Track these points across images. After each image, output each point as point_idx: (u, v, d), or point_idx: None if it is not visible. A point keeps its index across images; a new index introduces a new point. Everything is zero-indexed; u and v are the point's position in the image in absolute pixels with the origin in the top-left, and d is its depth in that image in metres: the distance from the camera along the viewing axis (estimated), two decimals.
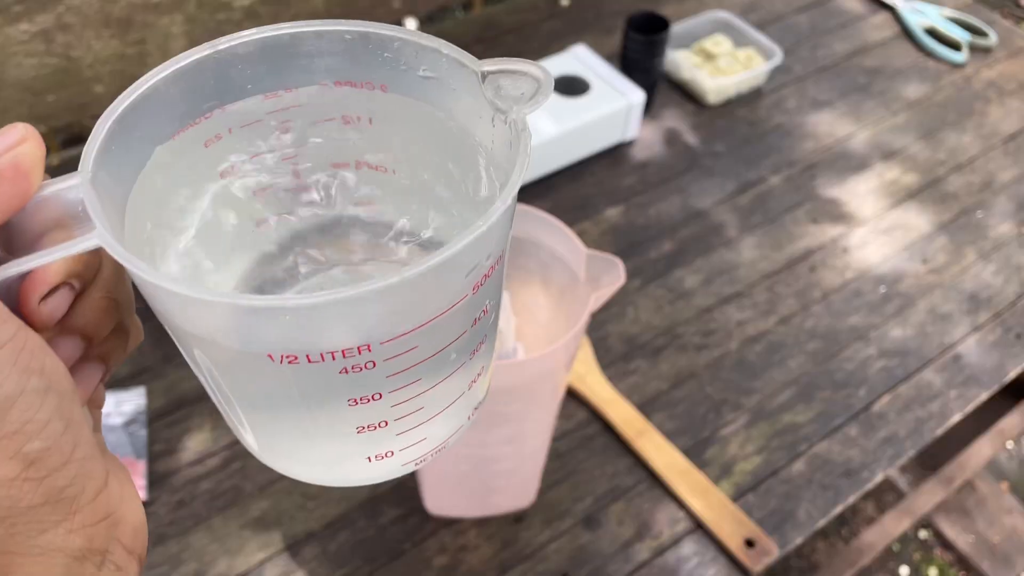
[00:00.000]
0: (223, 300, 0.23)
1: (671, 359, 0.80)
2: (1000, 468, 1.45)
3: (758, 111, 1.06)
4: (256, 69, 0.29)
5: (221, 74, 0.28)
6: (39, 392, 0.22)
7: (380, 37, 0.28)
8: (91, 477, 0.24)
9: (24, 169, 0.23)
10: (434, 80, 0.29)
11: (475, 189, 0.30)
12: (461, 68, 0.28)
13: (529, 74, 0.27)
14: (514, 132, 0.26)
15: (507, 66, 0.27)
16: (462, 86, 0.28)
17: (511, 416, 0.56)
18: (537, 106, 0.26)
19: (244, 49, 0.28)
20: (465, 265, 0.25)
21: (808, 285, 0.87)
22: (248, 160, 0.31)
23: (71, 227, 0.24)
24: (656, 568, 0.67)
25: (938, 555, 1.35)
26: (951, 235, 0.94)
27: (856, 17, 1.21)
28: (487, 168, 0.29)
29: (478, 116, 0.28)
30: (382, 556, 0.66)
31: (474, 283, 0.26)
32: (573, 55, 0.99)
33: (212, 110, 0.29)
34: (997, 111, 1.09)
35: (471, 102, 0.28)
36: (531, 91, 0.27)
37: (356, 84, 0.30)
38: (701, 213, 0.94)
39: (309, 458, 0.31)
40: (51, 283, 0.24)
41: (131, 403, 0.74)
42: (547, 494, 0.70)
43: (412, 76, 0.29)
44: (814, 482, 0.72)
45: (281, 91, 0.30)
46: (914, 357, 0.82)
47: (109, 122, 0.26)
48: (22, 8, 0.90)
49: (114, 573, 0.24)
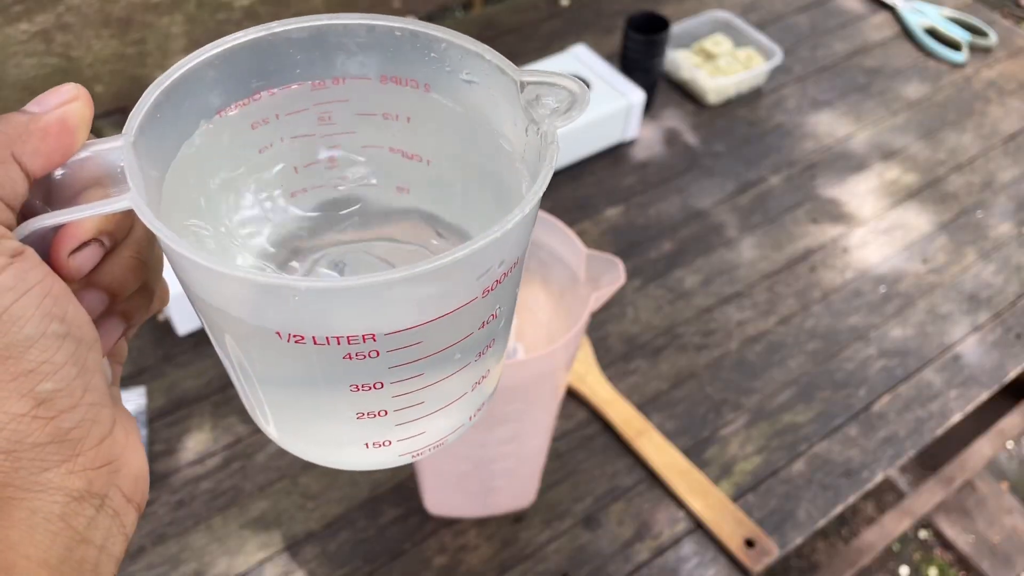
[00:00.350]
0: (235, 274, 0.23)
1: (671, 359, 0.80)
2: (1000, 468, 1.45)
3: (758, 111, 1.06)
4: (307, 55, 0.29)
5: (273, 57, 0.29)
6: (58, 336, 0.23)
7: (428, 37, 0.29)
8: (97, 422, 0.24)
9: (70, 126, 0.24)
10: (475, 84, 0.29)
11: (506, 194, 0.31)
12: (501, 75, 0.28)
13: (567, 88, 0.27)
14: (543, 144, 0.27)
15: (546, 79, 0.28)
16: (501, 93, 0.29)
17: (511, 416, 0.56)
18: (571, 120, 0.27)
19: (298, 35, 0.29)
20: (476, 268, 0.25)
21: (808, 285, 0.87)
22: (290, 141, 0.32)
23: (109, 187, 0.25)
24: (656, 568, 0.67)
25: (938, 555, 1.35)
26: (951, 235, 0.94)
27: (856, 17, 1.21)
28: (519, 174, 0.30)
29: (513, 124, 0.29)
30: (382, 556, 0.66)
31: (485, 287, 0.26)
32: (573, 55, 0.99)
33: (260, 91, 0.30)
34: (997, 111, 1.09)
35: (508, 109, 0.29)
36: (566, 105, 0.27)
37: (401, 81, 0.30)
38: (701, 213, 0.94)
39: (311, 436, 0.31)
40: (82, 238, 0.25)
41: (131, 403, 0.74)
42: (547, 494, 0.70)
43: (455, 79, 0.30)
44: (814, 482, 0.72)
45: (329, 81, 0.30)
46: (914, 357, 0.82)
47: (158, 92, 0.26)
48: (22, 8, 0.90)
49: (111, 517, 0.25)
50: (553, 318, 0.61)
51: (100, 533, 0.24)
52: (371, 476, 0.70)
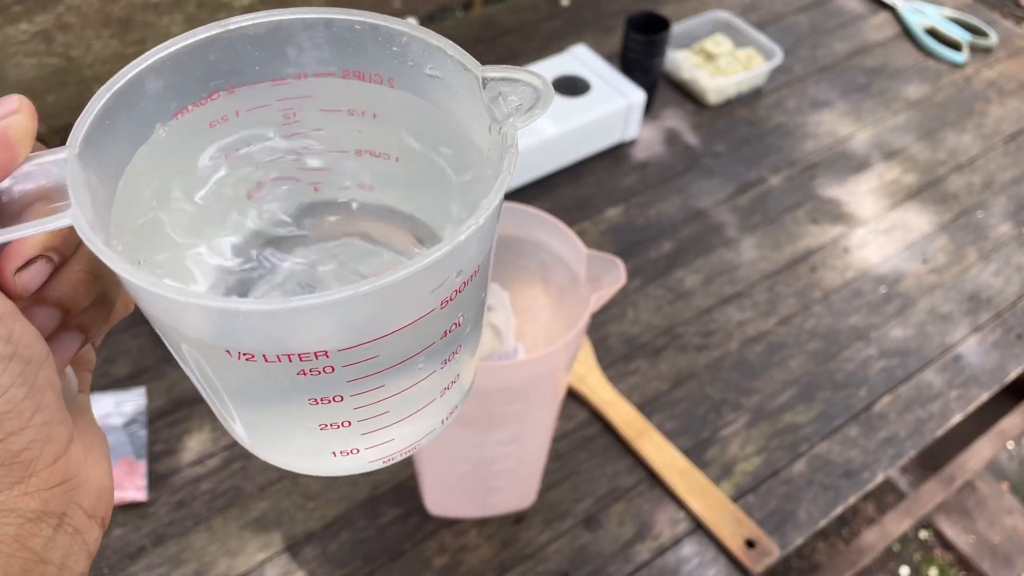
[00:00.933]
0: (174, 297, 0.22)
1: (671, 359, 0.80)
2: (1000, 468, 1.45)
3: (758, 111, 1.06)
4: (266, 52, 0.29)
5: (230, 55, 0.28)
6: (3, 358, 0.22)
7: (389, 30, 0.28)
8: (51, 441, 0.24)
9: (11, 140, 0.23)
10: (440, 80, 0.29)
11: (472, 193, 0.30)
12: (464, 71, 0.27)
13: (530, 84, 0.26)
14: (504, 145, 0.26)
15: (508, 74, 0.27)
16: (465, 89, 0.28)
17: (511, 416, 0.56)
18: (533, 119, 0.26)
19: (255, 31, 0.28)
20: (428, 283, 0.24)
21: (808, 285, 0.87)
22: (251, 140, 0.31)
23: (55, 200, 0.24)
24: (656, 569, 0.66)
25: (938, 555, 1.35)
26: (951, 235, 0.94)
27: (856, 17, 1.21)
28: (483, 174, 0.29)
29: (478, 122, 0.28)
30: (382, 556, 0.66)
31: (442, 299, 0.25)
32: (573, 55, 0.99)
33: (219, 90, 0.29)
34: (997, 111, 1.09)
35: (473, 107, 0.28)
36: (529, 102, 0.26)
37: (364, 76, 0.29)
38: (701, 213, 0.94)
39: (279, 446, 0.31)
40: (27, 255, 0.24)
41: (131, 403, 0.74)
42: (547, 494, 0.70)
43: (419, 73, 0.29)
44: (815, 482, 0.72)
45: (290, 78, 0.30)
46: (914, 357, 0.82)
47: (105, 98, 0.25)
48: (22, 8, 0.90)
49: (71, 535, 0.24)
50: (553, 319, 0.60)
51: (59, 552, 0.24)
52: (371, 476, 0.70)
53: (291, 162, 0.32)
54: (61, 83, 0.97)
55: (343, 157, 0.32)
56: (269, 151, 0.32)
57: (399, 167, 0.32)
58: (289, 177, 0.32)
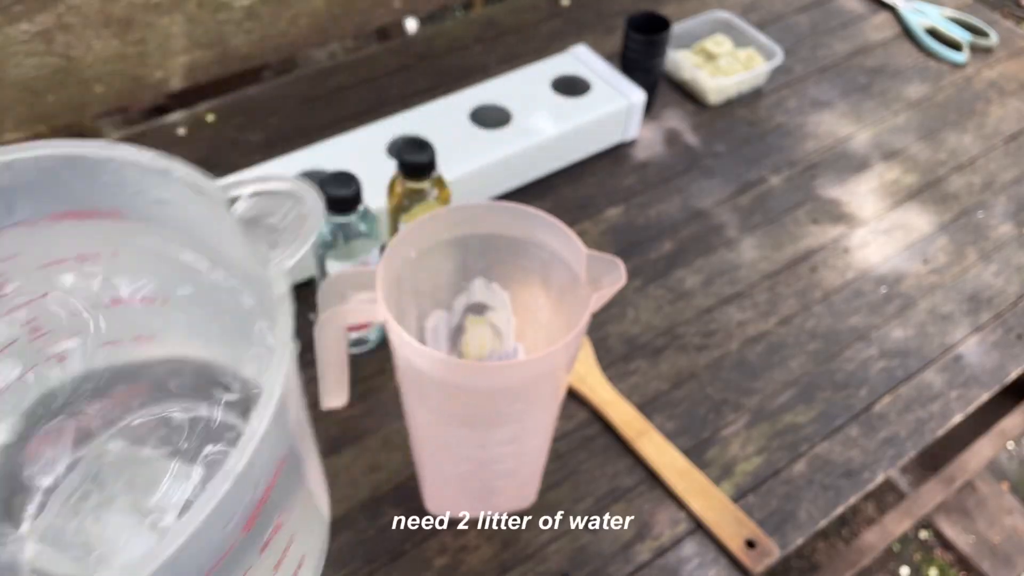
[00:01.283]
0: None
1: (671, 359, 0.80)
2: (1001, 468, 1.45)
3: (758, 111, 1.06)
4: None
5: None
6: None
7: (87, 160, 0.23)
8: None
9: None
10: (170, 204, 0.23)
11: (249, 330, 0.25)
12: (198, 195, 0.21)
13: (293, 193, 0.20)
14: (271, 316, 0.20)
15: (262, 186, 0.20)
16: (209, 214, 0.22)
17: (511, 416, 0.56)
18: (304, 243, 0.20)
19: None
20: (216, 528, 0.20)
21: (809, 285, 0.87)
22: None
23: None
24: (656, 569, 0.66)
25: (939, 555, 1.35)
26: (952, 235, 0.94)
27: (857, 17, 1.21)
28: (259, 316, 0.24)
29: (236, 248, 0.22)
30: (382, 556, 0.66)
31: (242, 526, 0.22)
32: (573, 55, 0.99)
33: None
34: (998, 111, 1.09)
35: (226, 233, 0.22)
36: (295, 220, 0.20)
37: (79, 214, 0.24)
38: (701, 213, 0.94)
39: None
40: None
41: None
42: (547, 494, 0.70)
43: (145, 200, 0.23)
44: (815, 483, 0.72)
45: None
46: (915, 357, 0.82)
47: None
48: (22, 8, 0.90)
49: None
50: (553, 319, 0.60)
51: None
52: (372, 477, 0.70)
53: (26, 344, 0.25)
54: (61, 83, 0.97)
55: (94, 312, 0.26)
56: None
57: (168, 309, 0.26)
58: (29, 364, 0.26)
